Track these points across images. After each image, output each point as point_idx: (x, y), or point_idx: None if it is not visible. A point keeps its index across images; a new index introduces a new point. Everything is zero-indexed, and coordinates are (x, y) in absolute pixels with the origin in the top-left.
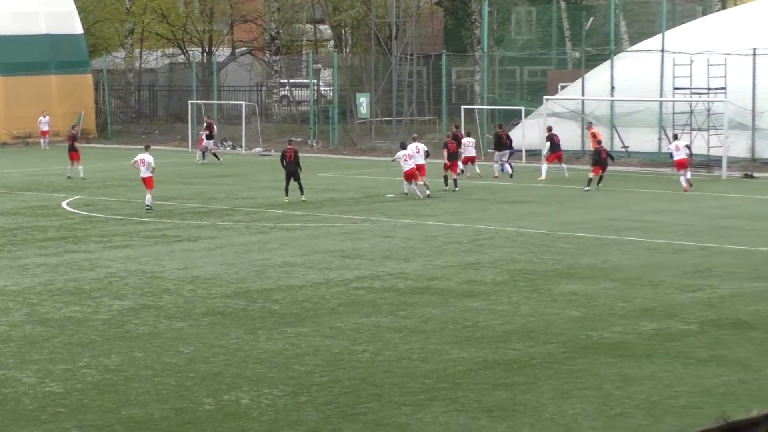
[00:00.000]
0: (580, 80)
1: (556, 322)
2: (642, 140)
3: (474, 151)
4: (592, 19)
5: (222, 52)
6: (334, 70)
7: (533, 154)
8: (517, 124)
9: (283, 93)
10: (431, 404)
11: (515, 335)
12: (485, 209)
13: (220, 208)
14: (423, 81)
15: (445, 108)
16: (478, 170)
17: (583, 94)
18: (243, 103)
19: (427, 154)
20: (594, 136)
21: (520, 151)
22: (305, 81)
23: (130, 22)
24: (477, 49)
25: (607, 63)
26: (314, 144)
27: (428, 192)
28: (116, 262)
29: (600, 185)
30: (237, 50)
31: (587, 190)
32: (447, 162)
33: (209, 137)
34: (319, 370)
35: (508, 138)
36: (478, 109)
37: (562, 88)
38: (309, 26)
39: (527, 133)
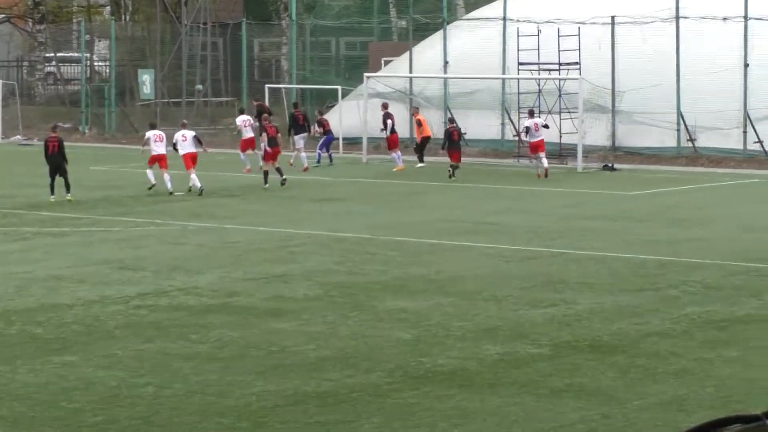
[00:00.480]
0: (407, 54)
1: (381, 347)
2: (482, 125)
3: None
4: None
5: None
6: (112, 42)
7: (352, 142)
8: (332, 106)
9: (48, 69)
10: None
11: (332, 362)
12: (295, 209)
13: None
14: (219, 55)
15: (246, 87)
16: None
17: (411, 71)
18: (0, 81)
19: (200, 142)
20: (419, 123)
21: (337, 139)
22: (76, 55)
23: None
24: (284, 17)
25: (439, 34)
26: (87, 131)
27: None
28: None
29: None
30: None
31: (454, 179)
32: (267, 149)
33: None
34: (92, 408)
35: (306, 119)
36: (285, 88)
37: (386, 63)
38: None
39: (345, 117)
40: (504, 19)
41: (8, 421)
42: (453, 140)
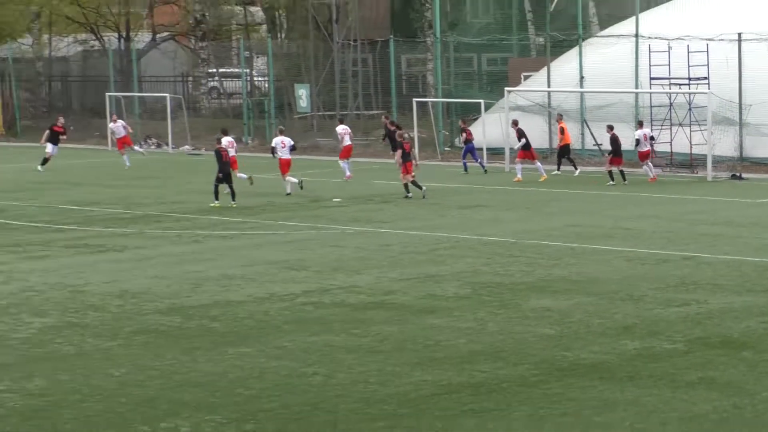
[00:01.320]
0: (545, 69)
1: (527, 341)
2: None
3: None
4: (555, 1)
5: (141, 38)
6: (269, 59)
7: (495, 152)
8: (476, 118)
9: (212, 84)
10: (392, 431)
11: (482, 356)
12: (444, 215)
13: (147, 213)
14: (369, 70)
15: (395, 101)
16: None
17: (549, 85)
18: (167, 95)
19: (293, 148)
20: (562, 131)
21: (481, 149)
22: (236, 70)
23: (36, 4)
24: (429, 34)
25: (575, 50)
26: (249, 141)
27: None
28: (33, 274)
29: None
30: (158, 36)
31: (612, 184)
32: (401, 162)
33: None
34: (267, 395)
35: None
36: (431, 102)
37: (526, 78)
38: (239, 8)
39: (487, 129)
40: (636, 36)
41: (191, 407)
42: (619, 147)
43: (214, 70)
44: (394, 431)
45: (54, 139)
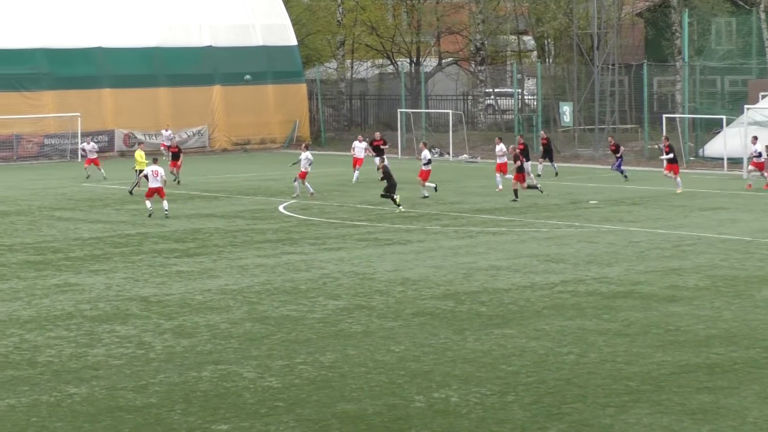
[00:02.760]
0: None
1: (758, 328)
2: None
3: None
4: None
5: (429, 63)
6: (538, 80)
7: (734, 162)
8: (718, 132)
9: (488, 102)
10: (635, 406)
11: (717, 340)
12: (686, 216)
13: (428, 212)
14: (624, 90)
15: (646, 117)
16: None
17: None
18: (450, 111)
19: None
20: None
21: (722, 158)
22: (510, 90)
23: (342, 34)
24: (678, 59)
25: None
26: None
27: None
28: (330, 263)
29: None
30: (443, 60)
31: None
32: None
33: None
34: (526, 371)
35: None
36: (679, 117)
37: (763, 97)
38: (513, 37)
39: (728, 141)
40: None
41: (460, 379)
42: None
43: (490, 90)
44: (637, 404)
45: (378, 151)
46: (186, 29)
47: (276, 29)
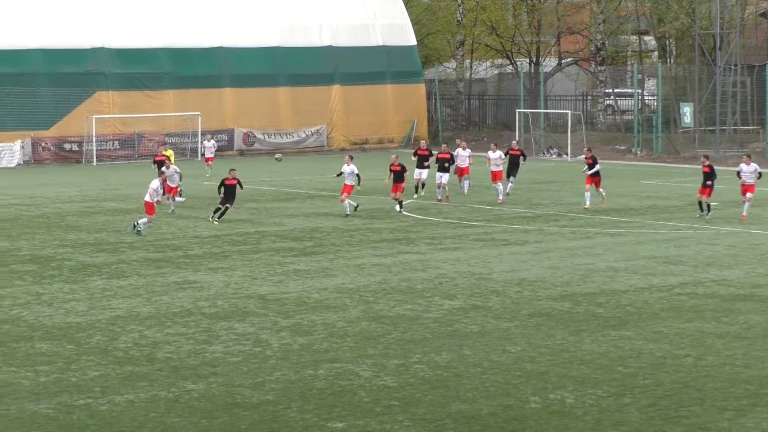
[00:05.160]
0: None
1: None
2: None
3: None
4: None
5: (548, 63)
6: (658, 80)
7: None
8: None
9: (607, 102)
10: (754, 410)
11: None
12: None
13: (545, 213)
14: (747, 91)
15: None
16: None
17: None
18: (569, 112)
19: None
20: None
21: None
22: (629, 91)
23: (461, 34)
24: None
25: None
26: (638, 152)
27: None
28: (446, 263)
29: None
30: (563, 61)
31: None
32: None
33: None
34: (642, 373)
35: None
36: None
37: None
38: (634, 37)
39: None
40: None
41: (576, 381)
42: None
43: (610, 90)
44: (755, 408)
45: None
46: (306, 29)
47: (396, 29)
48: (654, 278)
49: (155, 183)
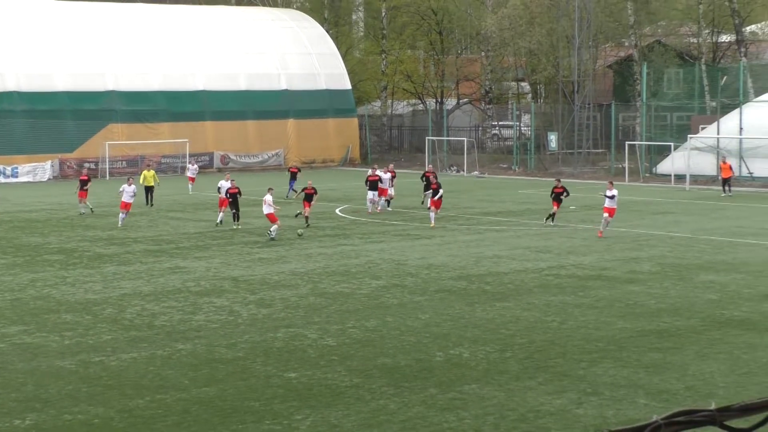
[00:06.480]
0: (716, 123)
1: (697, 303)
2: (763, 168)
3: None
4: (725, 77)
5: (450, 102)
6: (532, 115)
7: (679, 177)
8: (667, 155)
9: (494, 132)
10: (603, 361)
11: (665, 312)
12: (642, 218)
13: (447, 215)
14: (597, 123)
15: (613, 143)
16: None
17: (718, 133)
18: (465, 139)
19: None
20: (729, 168)
21: (669, 175)
22: (510, 123)
23: (385, 81)
24: (638, 100)
25: (737, 110)
26: (516, 168)
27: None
28: (374, 252)
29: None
30: (461, 101)
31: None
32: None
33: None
34: (520, 334)
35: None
36: (638, 144)
37: (702, 128)
38: (513, 83)
39: (675, 162)
40: None
41: (471, 340)
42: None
43: (496, 123)
44: (604, 360)
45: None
46: (268, 76)
47: (336, 77)
48: (528, 263)
49: (269, 198)
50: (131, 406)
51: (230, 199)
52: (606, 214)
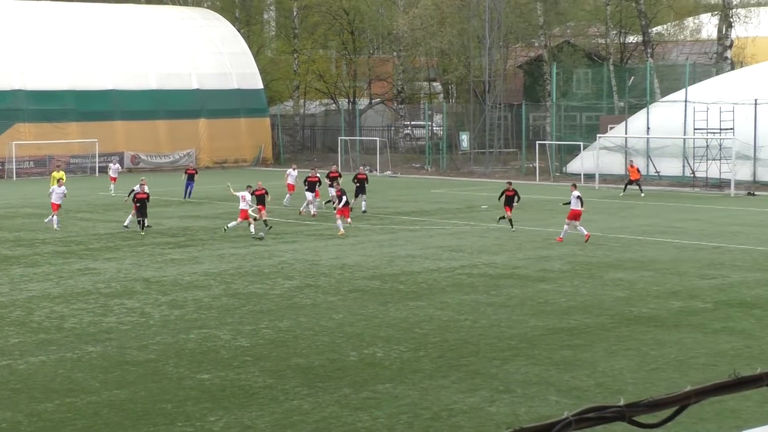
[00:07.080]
0: (624, 123)
1: (606, 301)
2: (670, 167)
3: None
4: (633, 78)
5: (362, 102)
6: (444, 115)
7: (589, 176)
8: (577, 155)
9: (406, 131)
10: (515, 359)
11: (576, 310)
12: (554, 217)
13: (360, 214)
14: (508, 123)
15: (524, 143)
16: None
17: (626, 133)
18: (377, 138)
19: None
20: (637, 170)
21: (579, 174)
22: (422, 123)
23: (297, 80)
24: (548, 100)
25: (644, 110)
26: (429, 168)
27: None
28: (287, 252)
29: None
30: (373, 100)
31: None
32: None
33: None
34: (433, 333)
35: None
36: (548, 143)
37: (611, 128)
38: (425, 83)
39: (585, 162)
40: (685, 101)
41: (384, 340)
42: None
43: (408, 123)
44: (516, 358)
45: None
46: (179, 76)
47: (248, 76)
48: (441, 262)
49: (247, 195)
50: (40, 409)
51: (138, 204)
52: (575, 222)
